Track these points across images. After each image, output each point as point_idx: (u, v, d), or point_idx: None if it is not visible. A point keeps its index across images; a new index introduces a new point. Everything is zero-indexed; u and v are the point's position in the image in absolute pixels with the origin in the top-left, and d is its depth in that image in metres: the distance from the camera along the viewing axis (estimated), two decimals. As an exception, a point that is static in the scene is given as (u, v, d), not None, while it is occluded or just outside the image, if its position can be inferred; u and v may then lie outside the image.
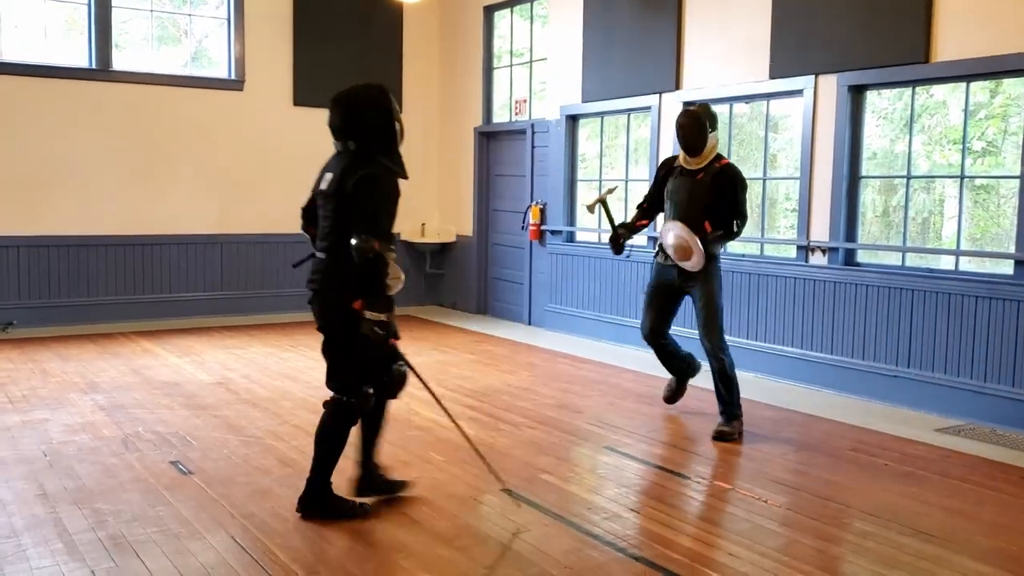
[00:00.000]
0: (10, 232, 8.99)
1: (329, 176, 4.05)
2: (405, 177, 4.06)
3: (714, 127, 5.68)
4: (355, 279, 3.86)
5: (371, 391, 4.09)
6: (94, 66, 9.35)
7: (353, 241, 3.80)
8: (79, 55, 9.44)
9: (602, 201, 6.05)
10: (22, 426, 5.61)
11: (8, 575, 3.48)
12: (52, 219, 9.20)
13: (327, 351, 4.14)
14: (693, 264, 5.58)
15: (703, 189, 5.61)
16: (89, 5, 9.31)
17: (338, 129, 4.06)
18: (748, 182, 5.75)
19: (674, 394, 6.25)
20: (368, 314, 3.82)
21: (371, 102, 4.04)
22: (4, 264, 8.99)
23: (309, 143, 10.48)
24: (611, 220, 6.03)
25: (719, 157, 5.70)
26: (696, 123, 5.62)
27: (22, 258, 9.07)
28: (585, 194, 9.60)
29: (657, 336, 6.03)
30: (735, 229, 5.58)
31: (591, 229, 9.34)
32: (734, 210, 5.56)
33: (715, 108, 8.02)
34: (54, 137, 9.17)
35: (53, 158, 9.19)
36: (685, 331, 8.12)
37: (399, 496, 4.41)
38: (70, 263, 9.31)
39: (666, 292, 5.91)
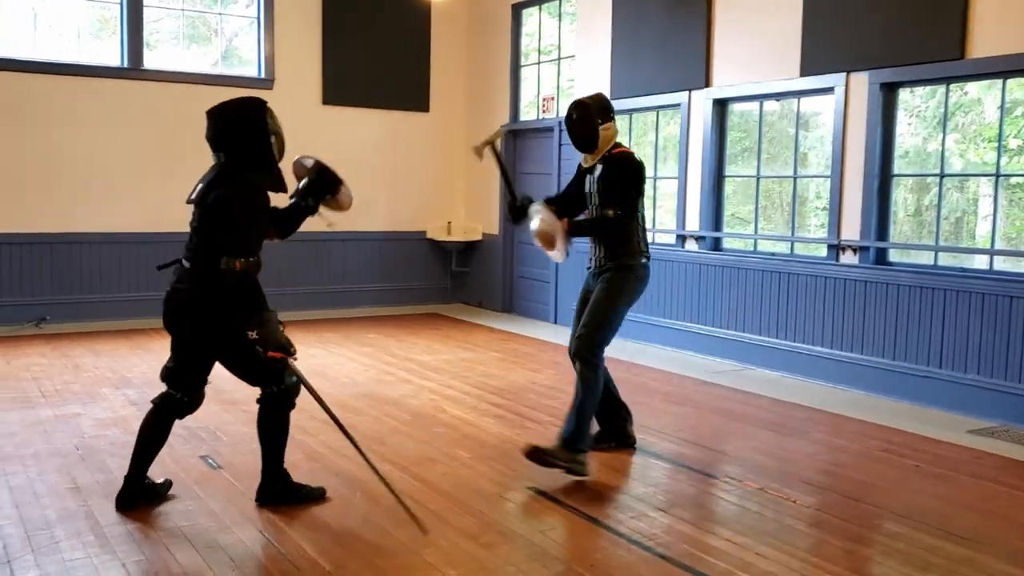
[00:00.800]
0: (43, 229, 9.10)
1: (200, 186, 4.11)
2: (278, 191, 4.13)
3: (606, 117, 4.99)
4: (217, 290, 4.00)
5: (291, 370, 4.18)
6: (126, 65, 9.45)
7: (221, 267, 3.96)
8: (111, 54, 9.54)
9: (490, 144, 5.35)
10: (55, 420, 5.68)
11: (42, 566, 3.53)
12: (84, 216, 9.31)
13: (182, 350, 4.26)
14: (556, 255, 5.01)
15: (600, 185, 4.99)
16: (122, 4, 9.40)
17: (210, 140, 4.13)
18: (646, 175, 5.09)
19: (604, 437, 5.31)
20: (250, 334, 3.93)
21: (243, 115, 4.10)
22: (37, 260, 9.11)
23: (338, 141, 10.58)
24: (504, 173, 5.49)
25: (616, 146, 5.05)
26: (580, 116, 5.01)
27: (55, 254, 9.18)
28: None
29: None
30: (610, 215, 4.86)
31: (619, 227, 9.29)
32: (616, 199, 4.88)
33: (745, 106, 8.06)
34: (86, 135, 9.28)
35: (85, 156, 9.30)
36: (709, 329, 8.08)
37: (422, 492, 4.42)
38: (102, 259, 9.41)
39: (586, 302, 5.13)
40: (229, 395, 6.39)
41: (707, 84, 8.14)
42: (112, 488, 4.42)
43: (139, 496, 4.18)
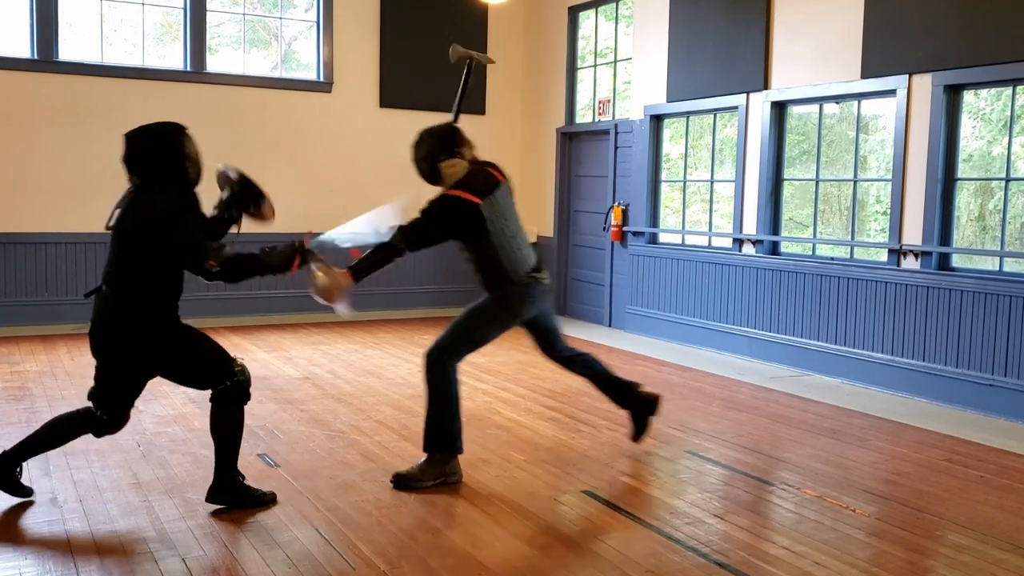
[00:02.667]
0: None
1: (117, 213, 4.10)
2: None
3: (450, 153, 4.79)
4: (137, 315, 4.02)
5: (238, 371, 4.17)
6: (189, 68, 9.63)
7: (144, 297, 4.02)
8: (175, 58, 9.73)
9: (472, 58, 5.07)
10: (117, 416, 5.80)
11: (104, 560, 3.60)
12: (147, 217, 9.49)
13: (106, 375, 4.21)
14: (339, 310, 4.71)
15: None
16: (185, 9, 9.59)
17: (125, 163, 4.13)
18: (454, 212, 4.78)
19: (636, 425, 5.28)
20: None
21: (158, 139, 4.11)
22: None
23: (394, 144, 10.62)
24: (462, 94, 5.10)
25: (456, 186, 4.78)
26: (417, 149, 4.93)
27: (119, 254, 9.37)
28: (669, 195, 9.52)
29: (553, 356, 5.20)
30: (396, 238, 4.74)
31: (675, 231, 9.25)
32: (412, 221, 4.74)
33: (804, 108, 7.95)
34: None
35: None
36: (767, 334, 7.99)
37: (471, 495, 4.43)
38: (163, 260, 9.58)
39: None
40: (288, 394, 6.48)
41: (765, 86, 8.05)
42: (173, 484, 4.50)
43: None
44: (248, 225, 4.49)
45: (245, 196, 4.41)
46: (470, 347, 4.78)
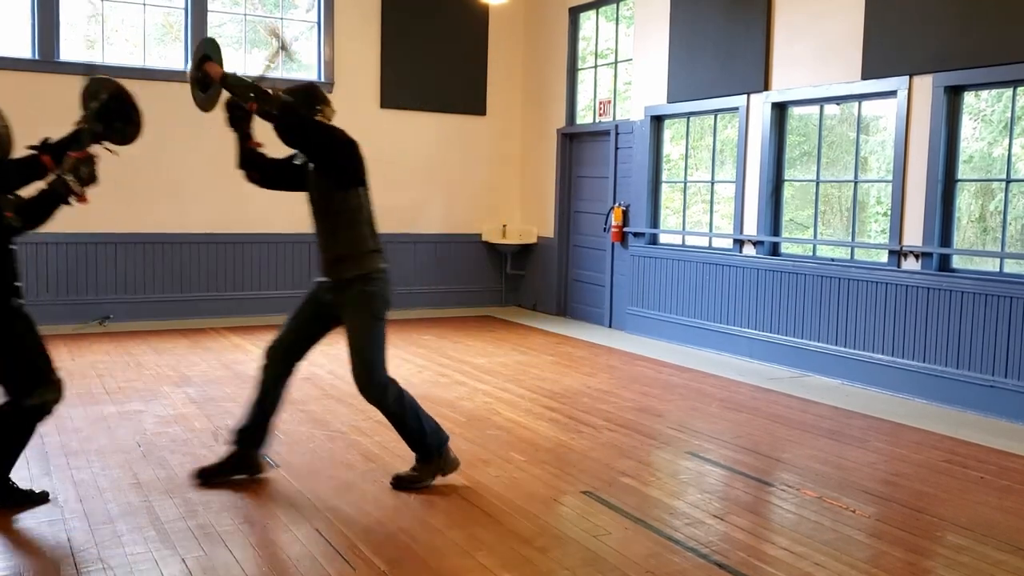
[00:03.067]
0: (108, 229, 9.31)
1: None
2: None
3: (310, 111, 4.58)
4: None
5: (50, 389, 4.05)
6: (190, 68, 9.61)
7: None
8: (175, 58, 9.73)
9: (276, 35, 4.94)
10: (118, 417, 5.81)
11: (105, 559, 3.61)
12: (147, 217, 9.51)
13: None
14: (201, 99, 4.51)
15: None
16: (186, 10, 9.59)
17: None
18: (351, 140, 4.54)
19: (222, 464, 4.59)
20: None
21: None
22: (102, 260, 9.33)
23: (396, 144, 10.68)
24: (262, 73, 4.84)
25: None
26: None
27: (119, 254, 9.40)
28: (669, 196, 9.52)
29: (281, 355, 4.64)
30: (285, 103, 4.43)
31: (675, 231, 9.25)
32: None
33: (805, 109, 7.95)
34: (149, 138, 9.40)
35: (150, 158, 9.48)
36: (767, 335, 7.98)
37: (471, 495, 4.43)
38: (164, 260, 9.61)
39: (316, 309, 4.60)
40: (288, 394, 6.47)
41: (766, 87, 8.05)
42: (173, 484, 4.51)
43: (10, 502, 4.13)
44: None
45: (122, 111, 4.26)
46: (382, 353, 4.46)
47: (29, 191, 4.07)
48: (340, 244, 4.46)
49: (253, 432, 4.56)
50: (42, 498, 4.21)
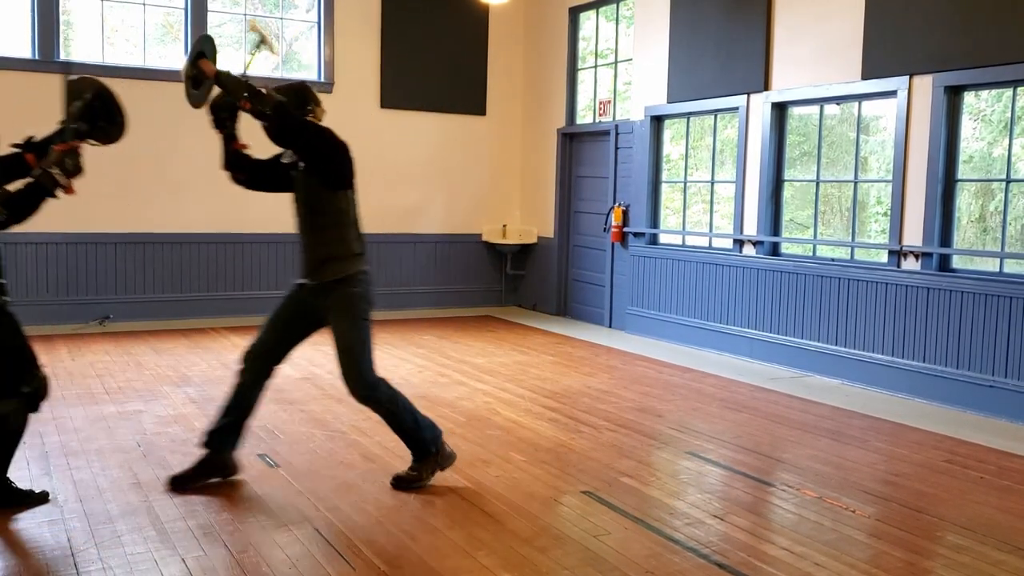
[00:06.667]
0: (108, 229, 9.31)
1: None
2: None
3: (300, 111, 4.47)
4: None
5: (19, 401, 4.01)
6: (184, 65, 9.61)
7: None
8: (175, 59, 9.73)
9: (257, 30, 4.94)
10: (118, 417, 5.81)
11: (104, 559, 3.61)
12: (147, 217, 9.51)
13: None
14: (194, 94, 4.43)
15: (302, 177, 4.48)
16: (186, 10, 9.59)
17: None
18: (342, 143, 4.44)
19: (195, 470, 4.50)
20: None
21: None
22: (102, 260, 9.33)
23: (395, 145, 10.68)
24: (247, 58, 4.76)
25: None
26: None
27: (119, 254, 9.39)
28: (669, 196, 9.52)
29: (261, 359, 4.60)
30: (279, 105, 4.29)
31: (675, 231, 9.25)
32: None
33: (805, 109, 7.96)
34: (149, 137, 9.47)
35: (151, 158, 9.49)
36: (767, 335, 7.98)
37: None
38: (164, 260, 9.60)
39: (297, 310, 4.64)
40: (288, 394, 6.47)
41: (766, 87, 8.05)
42: (173, 484, 4.50)
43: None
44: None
45: (107, 112, 4.22)
46: (370, 354, 4.47)
47: (16, 186, 4.06)
48: (327, 246, 4.46)
49: (226, 435, 4.52)
50: (41, 498, 4.21)
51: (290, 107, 4.36)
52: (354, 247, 4.51)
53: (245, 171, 4.62)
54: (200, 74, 4.39)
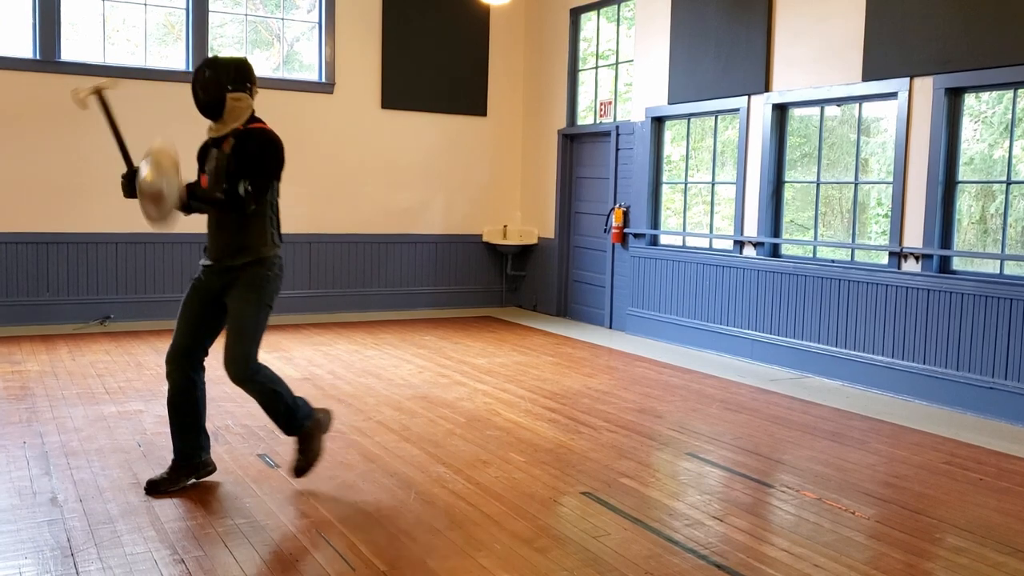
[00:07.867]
0: (109, 229, 9.31)
1: None
2: None
3: (239, 87, 4.34)
4: None
5: None
6: (191, 69, 9.63)
7: None
8: (177, 59, 9.74)
9: (98, 92, 4.69)
10: (118, 416, 5.81)
11: (104, 559, 3.61)
12: (148, 217, 9.51)
13: None
14: (155, 216, 4.48)
15: (226, 158, 4.39)
16: (187, 10, 9.60)
17: None
18: (286, 154, 4.43)
19: (170, 476, 4.46)
20: None
21: None
22: (103, 260, 9.33)
23: (396, 145, 10.69)
24: (115, 131, 4.75)
25: (253, 120, 4.44)
26: (209, 76, 4.32)
27: (119, 254, 9.40)
28: (670, 197, 9.52)
29: (184, 359, 4.62)
30: (241, 192, 4.29)
31: (675, 233, 9.26)
32: (254, 172, 4.30)
33: (805, 111, 7.96)
34: (150, 137, 9.45)
35: (150, 158, 9.49)
36: (767, 336, 7.98)
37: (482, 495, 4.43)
38: (165, 259, 9.61)
39: (204, 299, 4.57)
40: (286, 395, 6.47)
41: (767, 89, 8.06)
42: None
43: None
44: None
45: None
46: (259, 341, 4.51)
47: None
48: (245, 235, 4.40)
49: (189, 443, 4.49)
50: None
51: (230, 82, 4.32)
52: (274, 238, 4.48)
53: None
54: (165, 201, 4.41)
